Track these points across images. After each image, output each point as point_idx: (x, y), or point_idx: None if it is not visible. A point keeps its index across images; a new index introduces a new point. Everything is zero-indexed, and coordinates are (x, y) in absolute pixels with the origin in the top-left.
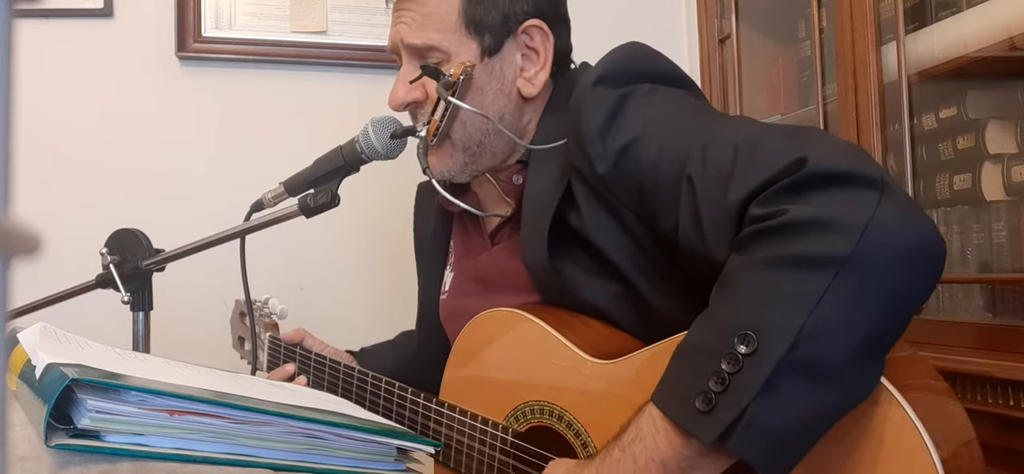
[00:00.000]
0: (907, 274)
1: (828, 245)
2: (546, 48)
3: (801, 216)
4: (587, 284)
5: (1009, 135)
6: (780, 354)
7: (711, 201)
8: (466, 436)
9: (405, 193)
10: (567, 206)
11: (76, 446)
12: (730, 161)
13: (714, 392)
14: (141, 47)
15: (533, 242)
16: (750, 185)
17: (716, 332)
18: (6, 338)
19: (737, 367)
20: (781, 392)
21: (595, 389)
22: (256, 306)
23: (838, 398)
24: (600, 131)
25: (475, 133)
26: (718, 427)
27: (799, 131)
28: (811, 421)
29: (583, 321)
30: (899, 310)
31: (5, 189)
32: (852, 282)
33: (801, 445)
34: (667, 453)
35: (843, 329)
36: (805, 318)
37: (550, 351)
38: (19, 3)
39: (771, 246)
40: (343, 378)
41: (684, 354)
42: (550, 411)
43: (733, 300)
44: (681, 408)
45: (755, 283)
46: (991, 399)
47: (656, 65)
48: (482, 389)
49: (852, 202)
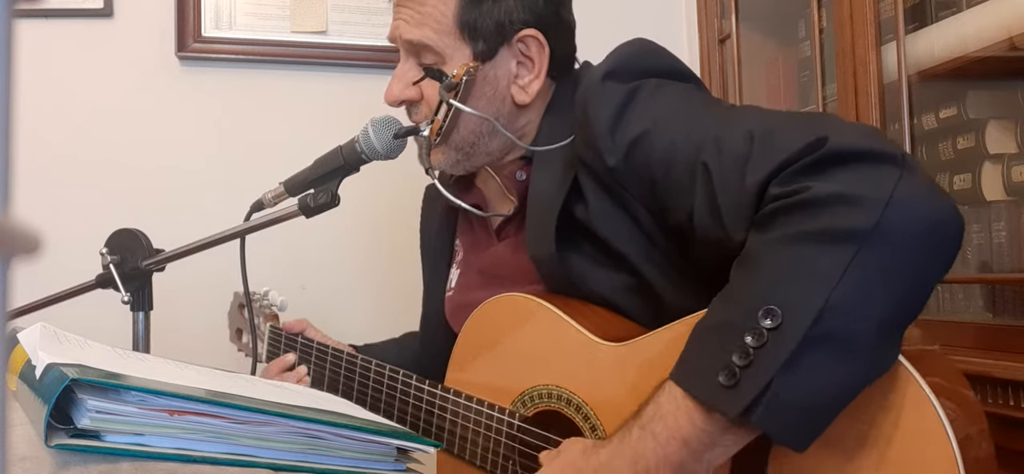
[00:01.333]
0: (928, 249)
1: (851, 219)
2: (541, 58)
3: (823, 192)
4: (594, 276)
5: (1009, 135)
6: (805, 328)
7: (728, 186)
8: (471, 422)
9: (405, 193)
10: (574, 200)
11: (76, 446)
12: (746, 147)
13: (738, 366)
14: (141, 47)
15: (539, 236)
16: (769, 166)
17: (739, 308)
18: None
19: (762, 341)
20: (804, 366)
21: (605, 372)
22: (256, 297)
23: (861, 371)
24: (610, 125)
25: (469, 135)
26: (743, 401)
27: (817, 116)
28: (835, 394)
29: (591, 308)
30: (920, 285)
31: (5, 189)
32: (875, 256)
33: (824, 418)
34: (689, 430)
35: (866, 303)
36: (829, 293)
37: (560, 335)
38: (19, 3)
39: (794, 222)
40: (346, 367)
41: (705, 331)
42: (558, 395)
43: (756, 276)
44: (704, 384)
45: (778, 258)
46: (991, 399)
47: (662, 61)
48: (489, 375)
49: (874, 178)
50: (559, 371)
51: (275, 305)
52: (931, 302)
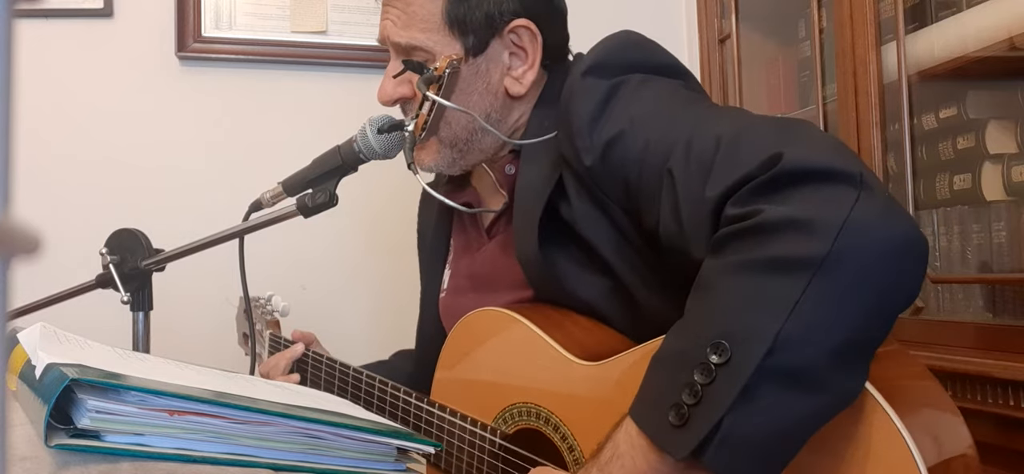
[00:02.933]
0: (887, 274)
1: (803, 247)
2: (534, 47)
3: (775, 217)
4: (579, 279)
5: (1009, 135)
6: (756, 362)
7: (690, 197)
8: (456, 437)
9: (403, 193)
10: (559, 198)
11: (76, 446)
12: (711, 155)
13: (687, 405)
14: (141, 47)
15: (525, 235)
16: (727, 182)
17: (689, 340)
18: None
19: (709, 378)
20: (758, 402)
21: (580, 391)
22: (259, 303)
23: (819, 405)
24: (588, 123)
25: (461, 131)
26: (691, 442)
27: (786, 125)
28: (790, 430)
29: (572, 320)
30: (881, 311)
31: (5, 189)
32: (829, 284)
33: (781, 456)
34: (644, 470)
35: (822, 333)
36: (781, 323)
37: (537, 352)
38: (19, 3)
39: (745, 249)
40: (339, 376)
41: (659, 363)
42: (537, 413)
43: (707, 306)
44: (654, 422)
45: (729, 288)
46: (991, 399)
47: (649, 55)
48: (472, 389)
49: (828, 200)
50: (537, 389)
51: (277, 310)
52: (931, 302)
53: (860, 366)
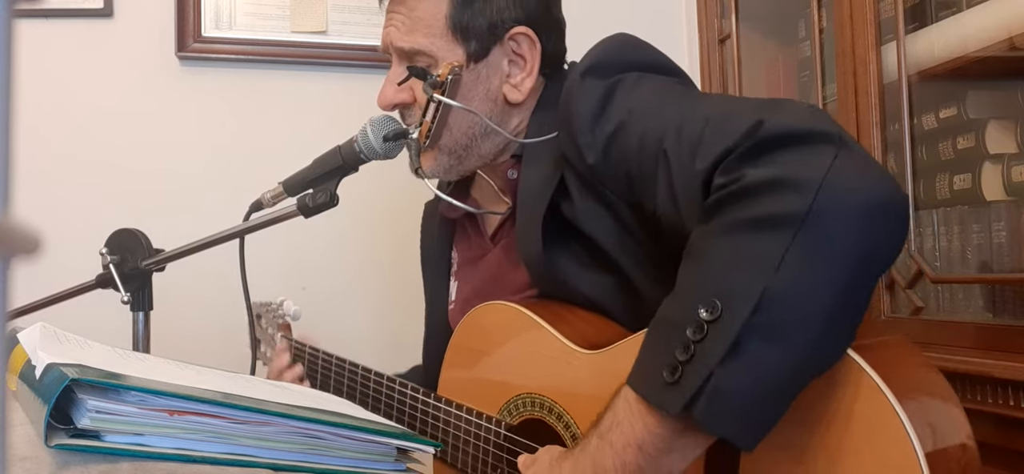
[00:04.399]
0: (868, 228)
1: (785, 204)
2: (533, 55)
3: (757, 178)
4: (582, 277)
5: (1009, 135)
6: (744, 317)
7: (683, 173)
8: (462, 430)
9: (404, 193)
10: (561, 198)
11: (76, 446)
12: (699, 133)
13: (680, 361)
14: (141, 47)
15: (528, 235)
16: (713, 154)
17: (681, 303)
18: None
19: (701, 335)
20: (747, 356)
21: (583, 380)
22: (271, 307)
23: (806, 358)
24: (589, 121)
25: (462, 137)
26: (684, 396)
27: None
28: (779, 385)
29: (575, 313)
30: (863, 266)
31: (5, 189)
32: (813, 239)
33: (770, 412)
34: (643, 436)
35: (807, 288)
36: (767, 280)
37: (540, 343)
38: (19, 3)
39: (731, 211)
40: (346, 373)
41: (653, 330)
42: (541, 404)
43: (697, 269)
44: (650, 384)
45: (716, 250)
46: (991, 399)
47: (643, 54)
48: (477, 383)
49: (808, 159)
50: (541, 379)
51: (289, 314)
52: (931, 302)
53: (846, 322)
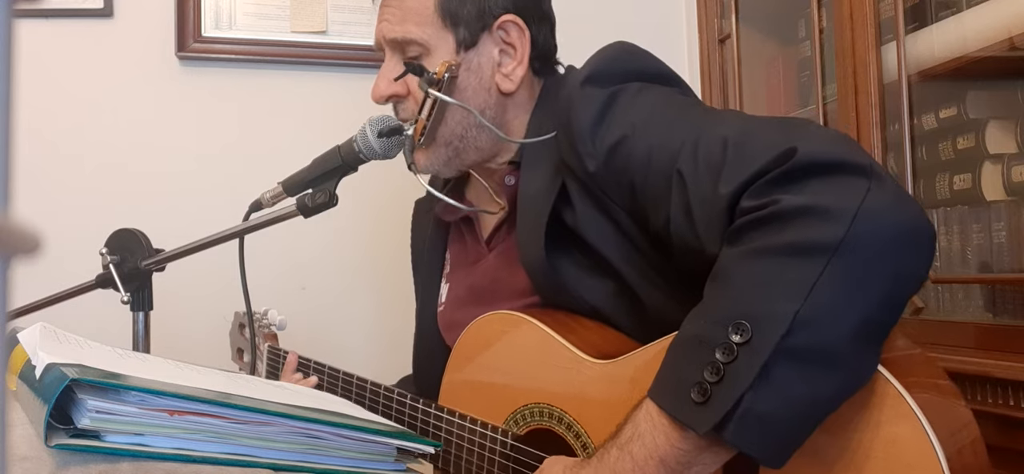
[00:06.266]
0: (899, 258)
1: (820, 232)
2: (523, 43)
3: (792, 205)
4: (584, 284)
5: (1009, 135)
6: (775, 342)
7: (702, 195)
8: (465, 441)
9: (404, 193)
10: (563, 204)
11: (76, 446)
12: (720, 155)
13: (709, 383)
14: (141, 47)
15: (530, 241)
16: (741, 177)
17: (710, 323)
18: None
19: (731, 357)
20: (777, 380)
21: (594, 390)
22: (256, 317)
23: (835, 384)
24: (590, 129)
25: (457, 128)
26: (713, 417)
27: (788, 123)
28: (808, 409)
29: (581, 323)
30: (893, 295)
31: (5, 189)
32: (845, 268)
33: (798, 434)
34: (665, 449)
35: (838, 315)
36: (799, 305)
37: (549, 353)
38: (19, 3)
39: (763, 235)
40: (342, 384)
41: (679, 347)
42: (550, 413)
43: (726, 291)
44: (677, 401)
45: (748, 273)
46: (991, 399)
47: (644, 63)
48: (481, 393)
49: (842, 189)
50: (549, 389)
51: (274, 324)
52: (931, 302)
53: (874, 347)
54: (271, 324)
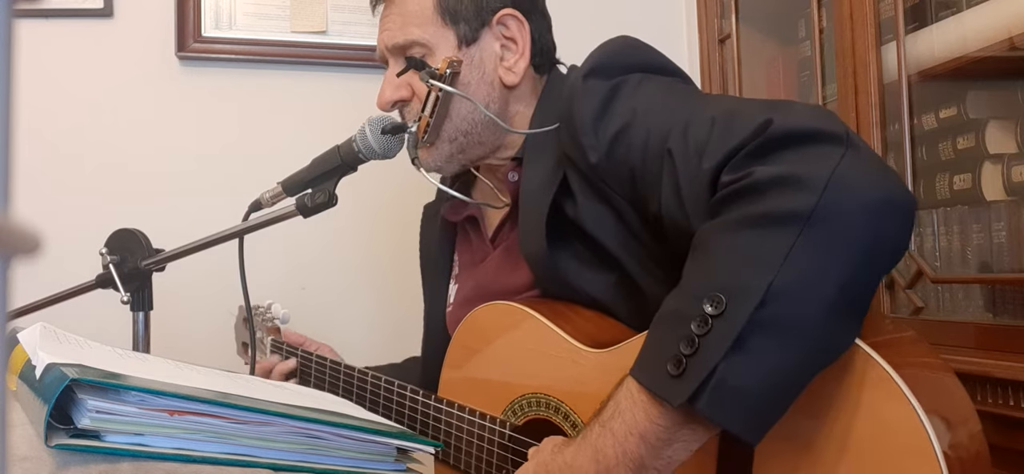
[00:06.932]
0: (874, 226)
1: (792, 201)
2: (523, 35)
3: (765, 175)
4: (585, 276)
5: (1009, 135)
6: (749, 312)
7: (689, 173)
8: (464, 432)
9: (404, 193)
10: (564, 197)
11: (76, 446)
12: (706, 133)
13: (684, 355)
14: (141, 47)
15: (531, 233)
16: (721, 153)
17: (687, 297)
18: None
19: (706, 329)
20: (751, 351)
21: (590, 379)
22: (259, 310)
23: (810, 354)
24: (592, 121)
25: (461, 123)
26: (688, 389)
27: (773, 102)
28: (783, 380)
29: (578, 313)
30: (870, 263)
31: (5, 189)
32: (818, 236)
33: (774, 407)
34: (645, 425)
35: (812, 284)
36: (773, 275)
37: (545, 343)
38: (19, 3)
39: (739, 207)
40: (344, 378)
41: (659, 323)
42: (547, 403)
43: (703, 264)
44: (654, 375)
45: (722, 245)
46: (991, 399)
47: (646, 57)
48: (480, 384)
49: (815, 158)
50: (546, 379)
51: (277, 318)
52: (931, 302)
53: (850, 319)
54: (274, 318)
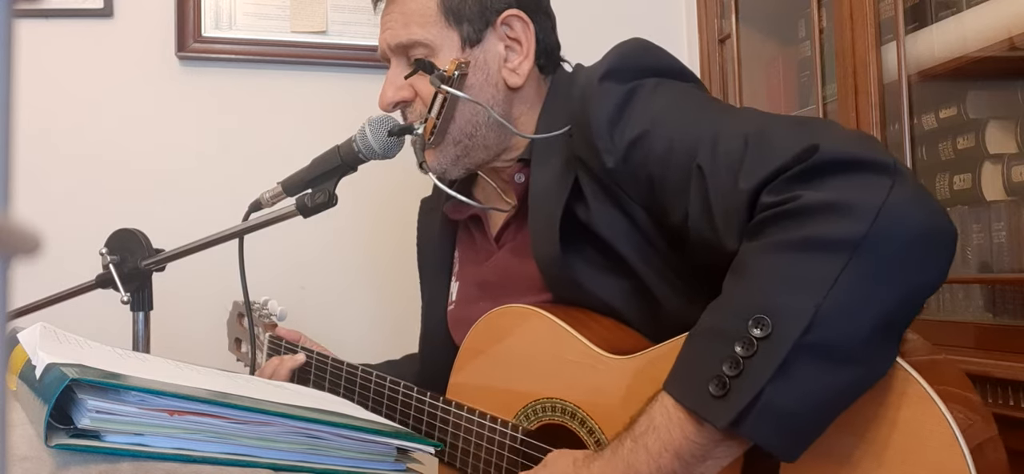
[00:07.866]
0: (920, 256)
1: (842, 228)
2: (528, 37)
3: (815, 200)
4: (597, 280)
5: (1009, 135)
6: (795, 337)
7: (721, 190)
8: (474, 435)
9: (403, 192)
10: (575, 200)
11: (76, 446)
12: (740, 150)
13: (728, 376)
14: (141, 47)
15: (544, 236)
16: (761, 173)
17: (729, 316)
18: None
19: (751, 351)
20: (796, 375)
21: (610, 385)
22: (256, 307)
23: (853, 379)
24: (608, 125)
25: (466, 126)
26: (732, 411)
27: (808, 122)
28: (826, 402)
29: (594, 318)
30: (913, 292)
31: (5, 189)
32: (866, 264)
33: (815, 428)
34: (681, 442)
35: (858, 311)
36: (820, 300)
37: (563, 347)
38: (19, 3)
39: (784, 230)
40: (346, 378)
41: (697, 339)
42: (563, 408)
43: (746, 284)
44: (694, 394)
45: (769, 267)
46: (991, 399)
47: (661, 60)
48: (492, 387)
49: (865, 186)
50: (562, 384)
51: (274, 315)
52: (931, 302)
53: (892, 343)
54: (271, 314)
